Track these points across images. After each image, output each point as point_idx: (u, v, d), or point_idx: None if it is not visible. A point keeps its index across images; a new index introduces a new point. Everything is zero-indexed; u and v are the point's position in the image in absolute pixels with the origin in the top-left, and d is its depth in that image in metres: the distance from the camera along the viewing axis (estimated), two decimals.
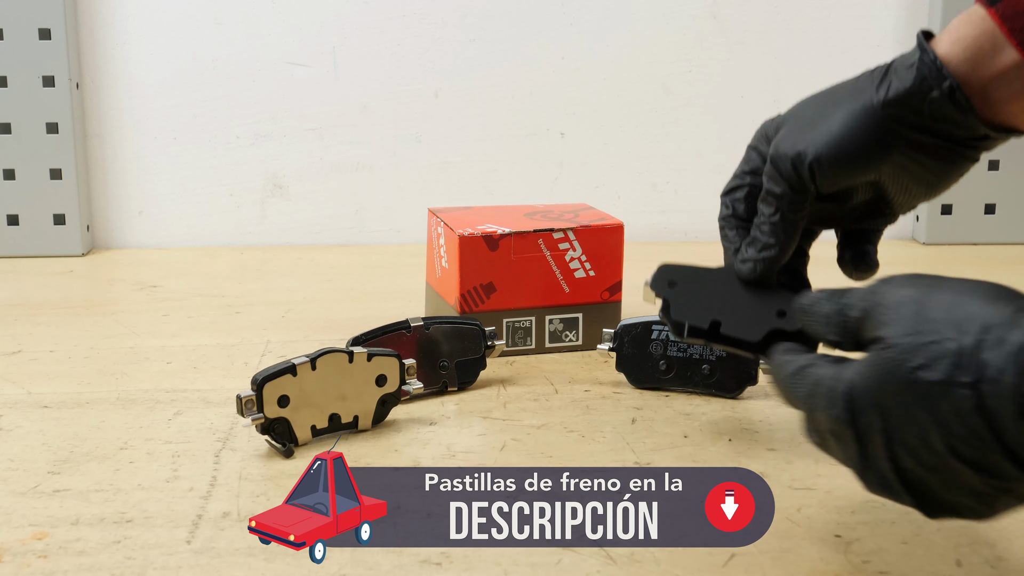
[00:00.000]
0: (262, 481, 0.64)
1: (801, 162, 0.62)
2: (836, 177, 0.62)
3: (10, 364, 0.85)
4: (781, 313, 0.65)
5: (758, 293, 0.67)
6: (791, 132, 0.63)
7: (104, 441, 0.69)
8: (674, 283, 0.68)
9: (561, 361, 0.87)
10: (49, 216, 1.23)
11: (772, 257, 0.65)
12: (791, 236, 0.65)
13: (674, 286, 0.68)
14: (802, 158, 0.62)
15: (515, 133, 1.31)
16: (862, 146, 0.60)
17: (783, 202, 0.64)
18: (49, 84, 1.20)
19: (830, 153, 0.61)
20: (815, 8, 1.30)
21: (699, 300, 0.68)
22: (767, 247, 0.65)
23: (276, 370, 0.67)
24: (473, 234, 0.85)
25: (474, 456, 0.67)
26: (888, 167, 0.61)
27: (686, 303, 0.68)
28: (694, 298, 0.68)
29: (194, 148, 1.28)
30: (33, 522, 0.58)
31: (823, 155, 0.61)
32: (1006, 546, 0.56)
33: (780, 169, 0.63)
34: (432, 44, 1.28)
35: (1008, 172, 1.30)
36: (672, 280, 0.69)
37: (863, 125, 0.60)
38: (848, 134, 0.60)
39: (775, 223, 0.64)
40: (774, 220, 0.64)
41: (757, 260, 0.66)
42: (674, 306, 0.68)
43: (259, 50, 1.26)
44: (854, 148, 0.60)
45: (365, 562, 0.54)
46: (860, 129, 0.60)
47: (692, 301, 0.68)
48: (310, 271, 1.18)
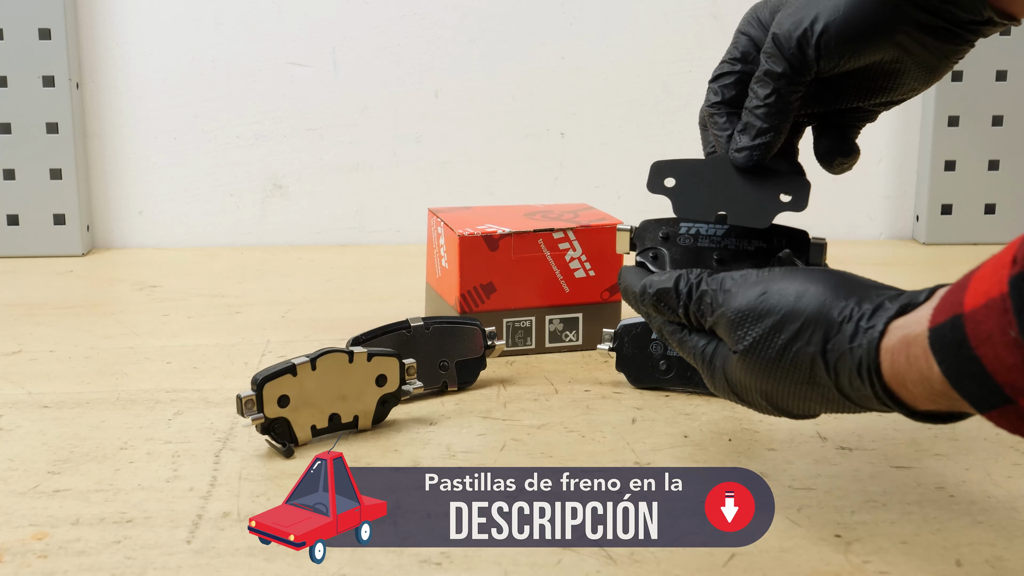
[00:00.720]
0: (262, 481, 0.64)
1: (807, 39, 0.61)
2: (842, 55, 0.61)
3: (10, 364, 0.85)
4: (786, 195, 0.64)
5: (759, 177, 0.65)
6: (796, 10, 0.62)
7: (104, 441, 0.69)
8: (672, 180, 0.66)
9: (561, 361, 0.87)
10: (49, 216, 1.23)
11: (768, 143, 0.64)
12: (786, 119, 0.63)
13: (673, 186, 0.66)
14: (808, 35, 0.61)
15: (515, 133, 1.31)
16: (870, 23, 0.60)
17: (781, 82, 0.62)
18: (49, 84, 1.20)
19: (838, 29, 0.60)
20: None
21: (700, 194, 0.65)
22: (762, 132, 0.63)
23: (276, 370, 0.67)
24: (473, 234, 0.85)
25: (474, 456, 0.67)
26: (892, 47, 0.61)
27: (687, 200, 0.65)
28: (694, 192, 0.65)
29: (194, 148, 1.28)
30: (33, 522, 0.58)
31: (831, 31, 0.60)
32: (1006, 546, 0.56)
33: (783, 47, 0.62)
34: (432, 44, 1.28)
35: (1008, 172, 1.30)
36: (669, 178, 0.66)
37: (871, 2, 0.60)
38: (856, 11, 0.60)
39: (770, 104, 0.63)
40: (769, 101, 0.63)
41: (752, 147, 0.64)
42: (676, 203, 0.66)
43: (259, 50, 1.26)
44: (862, 25, 0.60)
45: (365, 562, 0.54)
46: (868, 6, 0.60)
47: (694, 197, 0.65)
48: (310, 271, 1.18)
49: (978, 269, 0.46)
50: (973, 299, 0.44)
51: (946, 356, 0.45)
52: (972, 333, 0.44)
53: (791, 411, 0.56)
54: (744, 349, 0.55)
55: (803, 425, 0.72)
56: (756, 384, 0.56)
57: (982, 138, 1.29)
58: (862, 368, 0.50)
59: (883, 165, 1.34)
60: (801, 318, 0.53)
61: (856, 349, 0.50)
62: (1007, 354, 0.43)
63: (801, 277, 0.54)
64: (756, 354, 0.55)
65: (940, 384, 0.47)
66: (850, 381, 0.51)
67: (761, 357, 0.54)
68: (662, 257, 0.66)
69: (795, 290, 0.54)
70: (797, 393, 0.54)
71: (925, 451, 0.68)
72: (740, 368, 0.56)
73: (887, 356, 0.49)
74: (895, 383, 0.49)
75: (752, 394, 0.57)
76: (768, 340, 0.54)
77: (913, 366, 0.48)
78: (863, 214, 1.35)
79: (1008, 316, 0.42)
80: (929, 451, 0.68)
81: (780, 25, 0.62)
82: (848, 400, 0.53)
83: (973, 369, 0.44)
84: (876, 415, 0.74)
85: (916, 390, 0.48)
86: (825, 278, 0.54)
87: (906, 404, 0.50)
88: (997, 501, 0.61)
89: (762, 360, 0.54)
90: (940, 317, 0.46)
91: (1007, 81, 1.27)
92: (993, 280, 0.44)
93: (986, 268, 0.45)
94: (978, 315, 0.44)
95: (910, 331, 0.48)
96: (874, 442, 0.69)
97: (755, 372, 0.55)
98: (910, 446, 0.69)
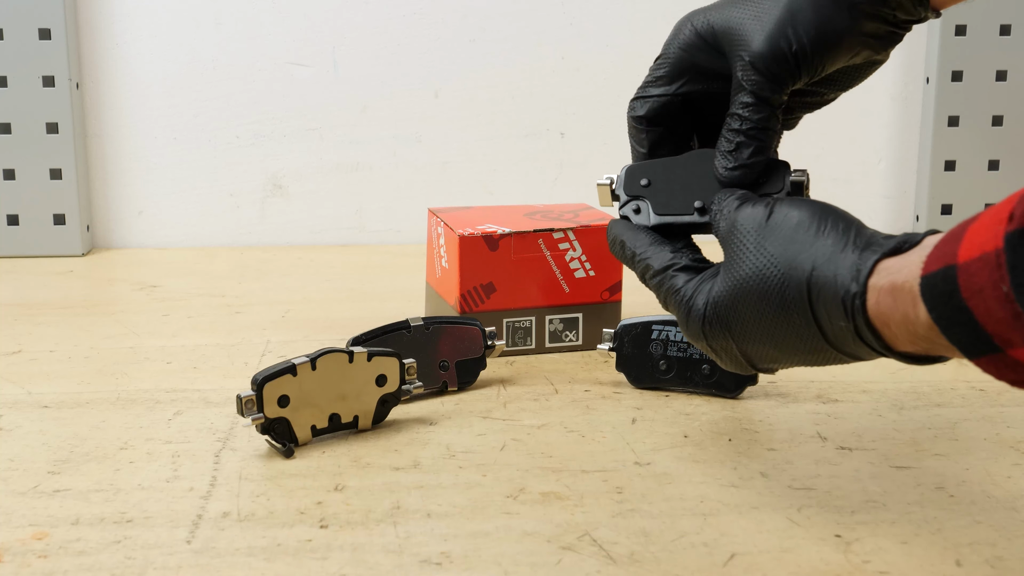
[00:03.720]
0: (262, 481, 0.64)
1: (787, 61, 0.62)
2: (815, 71, 0.63)
3: (10, 364, 0.85)
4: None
5: None
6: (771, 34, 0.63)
7: (104, 441, 0.69)
8: (648, 182, 0.67)
9: (561, 361, 0.87)
10: (49, 216, 1.23)
11: (763, 160, 0.65)
12: (774, 134, 0.66)
13: (648, 185, 0.67)
14: (788, 57, 0.62)
15: (515, 133, 1.31)
16: (835, 38, 0.62)
17: (774, 106, 0.64)
18: (49, 84, 1.20)
19: (814, 49, 0.62)
20: None
21: (676, 190, 0.66)
22: (759, 151, 0.65)
23: (276, 370, 0.67)
24: (473, 234, 0.85)
25: (474, 456, 0.67)
26: (851, 56, 0.64)
27: (665, 198, 0.66)
28: (671, 190, 0.66)
29: (194, 148, 1.28)
30: (33, 522, 0.58)
31: (809, 49, 0.62)
32: (1006, 546, 0.56)
33: (769, 72, 0.63)
34: (432, 44, 1.28)
35: (1008, 172, 1.30)
36: (644, 179, 0.67)
37: (833, 19, 0.62)
38: (824, 28, 0.62)
39: (766, 127, 0.64)
40: (765, 124, 0.64)
41: (750, 165, 0.65)
42: (654, 204, 0.66)
43: (259, 50, 1.26)
44: (830, 41, 0.62)
45: (365, 562, 0.54)
46: (833, 23, 0.62)
47: (670, 194, 0.66)
48: (310, 271, 1.18)
49: (974, 220, 0.46)
50: (967, 251, 0.45)
51: (936, 304, 0.46)
52: (964, 284, 0.45)
53: (757, 356, 0.58)
54: (738, 259, 0.57)
55: (803, 425, 0.72)
56: (736, 313, 0.57)
57: (982, 138, 1.29)
58: (847, 300, 0.51)
59: (883, 165, 1.34)
60: (797, 242, 0.54)
61: (844, 278, 0.51)
62: (997, 308, 0.44)
63: (804, 206, 0.56)
64: (747, 268, 0.56)
65: (925, 329, 0.48)
66: (829, 313, 0.52)
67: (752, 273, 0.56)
68: (644, 209, 0.67)
69: (796, 216, 0.56)
70: (773, 326, 0.55)
71: (925, 451, 0.68)
72: (726, 290, 0.57)
73: (873, 294, 0.50)
74: (878, 321, 0.50)
75: (724, 333, 0.58)
76: (761, 254, 0.56)
77: (899, 308, 0.49)
78: (863, 214, 1.35)
79: (1001, 271, 0.43)
80: (929, 451, 0.68)
81: (759, 53, 0.63)
82: (823, 335, 0.53)
83: (963, 319, 0.45)
84: (872, 415, 0.74)
85: (899, 331, 0.49)
86: (824, 210, 0.56)
87: (885, 343, 0.51)
88: (997, 501, 0.61)
89: (752, 278, 0.56)
90: (933, 266, 0.47)
91: (1007, 81, 1.27)
92: (989, 234, 0.44)
93: (983, 221, 0.46)
94: (971, 267, 0.45)
95: (899, 275, 0.49)
96: (874, 442, 0.69)
97: (742, 294, 0.56)
98: (910, 446, 0.69)
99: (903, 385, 0.80)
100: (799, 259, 0.54)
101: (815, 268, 0.53)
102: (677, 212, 0.66)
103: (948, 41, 1.26)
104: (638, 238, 0.65)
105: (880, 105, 1.33)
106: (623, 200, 0.68)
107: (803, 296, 0.53)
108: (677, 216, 0.66)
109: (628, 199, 0.67)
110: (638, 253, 0.64)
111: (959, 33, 1.26)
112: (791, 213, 0.56)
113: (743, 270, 0.56)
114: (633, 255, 0.65)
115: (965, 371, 0.83)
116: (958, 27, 1.26)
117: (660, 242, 0.64)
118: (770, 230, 0.56)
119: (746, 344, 0.57)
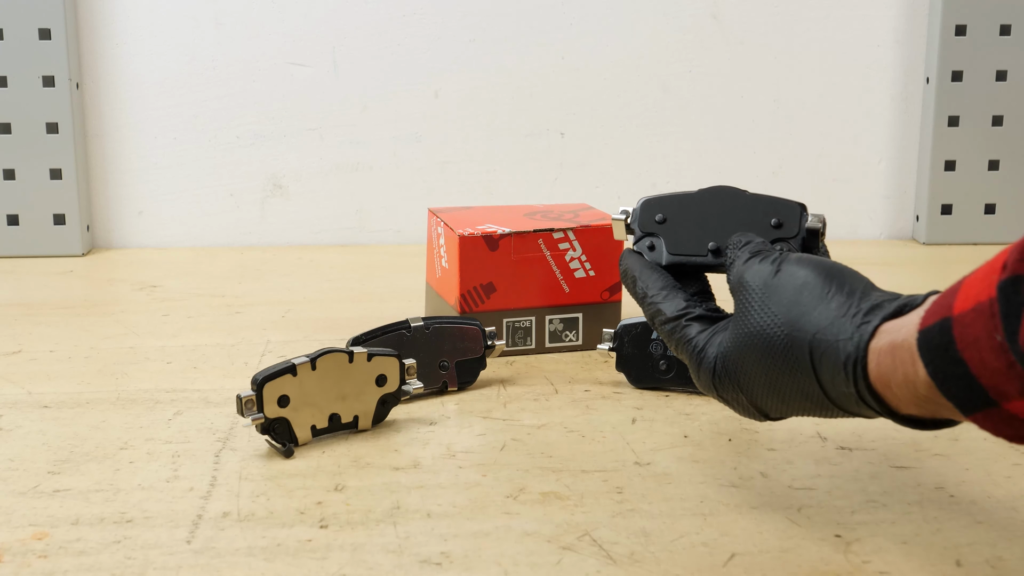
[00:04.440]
0: (262, 481, 0.64)
1: None
2: None
3: (10, 364, 0.85)
4: (778, 224, 0.64)
5: (750, 205, 0.65)
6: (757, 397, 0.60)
7: (104, 441, 0.69)
8: (663, 218, 0.67)
9: (561, 361, 0.87)
10: (49, 216, 1.23)
11: None
12: None
13: (663, 221, 0.67)
14: None
15: (515, 133, 1.31)
16: None
17: None
18: (49, 84, 1.20)
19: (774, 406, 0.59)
20: (815, 8, 1.30)
21: (691, 229, 0.66)
22: None
23: (276, 370, 0.67)
24: (473, 234, 0.85)
25: (474, 456, 0.67)
26: None
27: (679, 236, 0.66)
28: (686, 228, 0.66)
29: (194, 148, 1.28)
30: (33, 522, 0.58)
31: None
32: (1006, 546, 0.56)
33: None
34: (432, 44, 1.28)
35: (1008, 172, 1.30)
36: (659, 214, 0.67)
37: None
38: None
39: None
40: None
41: None
42: (668, 242, 0.66)
43: (259, 50, 1.26)
44: None
45: (365, 562, 0.54)
46: None
47: (685, 232, 0.66)
48: (310, 271, 1.18)
49: (971, 274, 0.46)
50: (962, 303, 0.45)
51: (933, 358, 0.46)
52: (959, 336, 0.45)
53: (766, 408, 0.57)
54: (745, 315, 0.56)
55: (803, 425, 0.72)
56: (743, 367, 0.56)
57: (982, 138, 1.29)
58: (848, 364, 0.51)
59: (883, 165, 1.34)
60: (801, 304, 0.54)
61: (845, 344, 0.51)
62: (992, 358, 0.43)
63: (811, 266, 0.56)
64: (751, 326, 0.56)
65: (925, 388, 0.47)
66: (832, 376, 0.52)
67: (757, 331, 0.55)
68: (659, 247, 0.67)
69: (803, 276, 0.55)
70: (779, 382, 0.55)
71: (925, 451, 0.68)
72: (733, 344, 0.57)
73: (874, 357, 0.50)
74: (880, 384, 0.50)
75: (734, 385, 0.58)
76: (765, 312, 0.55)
77: (899, 368, 0.48)
78: (863, 214, 1.35)
79: (995, 320, 0.43)
80: (929, 451, 0.68)
81: None
82: (827, 397, 0.53)
83: (958, 372, 0.45)
84: None
85: (901, 393, 0.49)
86: (830, 271, 0.55)
87: (889, 406, 0.50)
88: (997, 501, 0.61)
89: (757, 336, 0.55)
90: (930, 320, 0.46)
91: (1007, 81, 1.27)
92: (983, 285, 0.44)
93: (978, 273, 0.46)
94: (966, 319, 0.44)
95: (898, 335, 0.49)
96: (874, 442, 0.69)
97: (747, 349, 0.56)
98: (910, 446, 0.69)
99: None
100: (802, 321, 0.54)
101: (818, 331, 0.53)
102: (691, 253, 0.66)
103: (948, 41, 1.26)
104: (651, 278, 0.65)
105: (880, 105, 1.33)
106: (638, 235, 0.68)
107: (806, 358, 0.53)
108: (690, 257, 0.66)
109: (643, 235, 0.67)
110: (649, 295, 0.64)
111: (959, 33, 1.26)
112: (798, 273, 0.56)
113: (748, 327, 0.56)
114: (644, 296, 0.64)
115: None
116: (958, 27, 1.26)
117: (673, 286, 0.64)
118: (776, 289, 0.56)
119: (755, 397, 0.57)
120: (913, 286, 0.52)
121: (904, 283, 1.14)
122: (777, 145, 1.33)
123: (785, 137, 1.33)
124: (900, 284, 0.54)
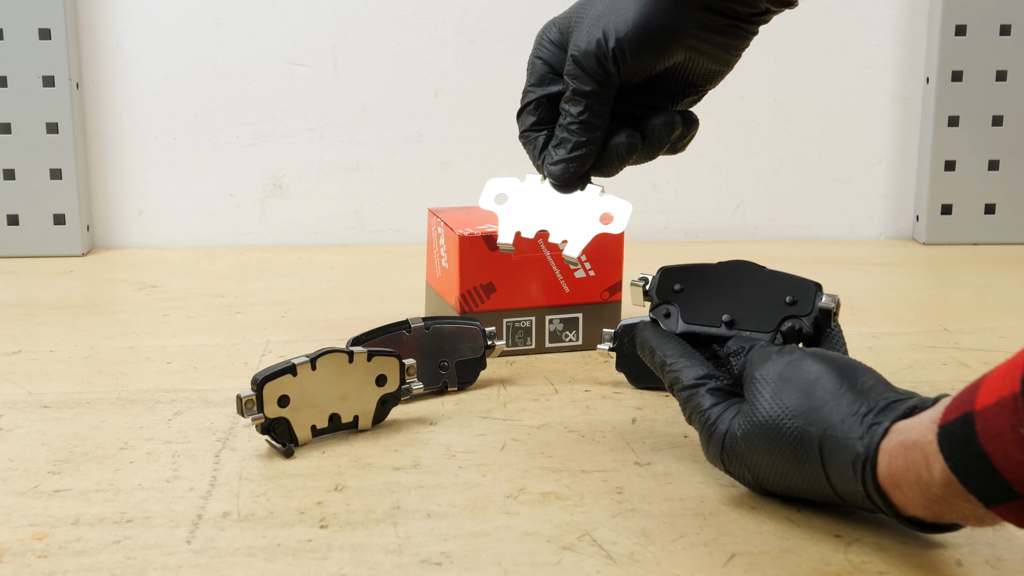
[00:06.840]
0: (262, 481, 0.64)
1: (604, 55, 0.64)
2: (639, 65, 0.64)
3: (10, 364, 0.85)
4: (792, 302, 0.65)
5: (766, 281, 0.67)
6: (589, 28, 0.65)
7: (104, 441, 0.69)
8: (680, 287, 0.69)
9: (561, 361, 0.87)
10: (49, 216, 1.23)
11: (584, 155, 0.67)
12: (599, 132, 0.66)
13: (680, 291, 0.69)
14: (604, 51, 0.63)
15: (515, 133, 1.30)
16: (660, 32, 0.63)
17: (592, 99, 0.65)
18: (49, 84, 1.20)
19: (631, 43, 0.63)
20: (815, 8, 1.30)
21: (707, 299, 0.68)
22: (578, 146, 0.67)
23: (276, 370, 0.67)
24: (473, 234, 0.85)
25: (474, 456, 0.67)
26: (684, 50, 0.64)
27: (695, 306, 0.68)
28: (702, 298, 0.68)
29: (194, 148, 1.28)
30: (33, 522, 0.58)
31: (625, 45, 0.63)
32: (1006, 546, 0.56)
33: (584, 65, 0.64)
34: (432, 44, 1.28)
35: (1008, 172, 1.30)
36: (677, 284, 0.69)
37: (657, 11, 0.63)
38: (645, 21, 0.63)
39: (585, 120, 0.66)
40: (583, 118, 0.66)
41: (569, 160, 0.67)
42: (683, 311, 0.68)
43: (259, 50, 1.26)
44: (653, 35, 0.63)
45: (365, 562, 0.54)
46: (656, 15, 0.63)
47: (700, 302, 0.68)
48: (310, 271, 1.18)
49: (992, 371, 0.47)
50: (985, 398, 0.46)
51: (954, 452, 0.46)
52: (982, 430, 0.45)
53: (771, 489, 0.59)
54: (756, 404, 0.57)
55: None
56: (751, 452, 0.57)
57: (982, 138, 1.29)
58: (857, 463, 0.52)
59: (883, 165, 1.34)
60: (814, 399, 0.55)
61: (856, 443, 0.52)
62: (1016, 452, 0.44)
63: (824, 361, 0.57)
64: (762, 415, 0.56)
65: (939, 487, 0.48)
66: (840, 472, 0.53)
67: (768, 421, 0.56)
68: (674, 314, 0.68)
69: (816, 371, 0.56)
70: (786, 471, 0.56)
71: None
72: (743, 429, 0.58)
73: (885, 457, 0.51)
74: (889, 484, 0.51)
75: (742, 464, 0.59)
76: (777, 404, 0.56)
77: (911, 468, 0.49)
78: (863, 214, 1.35)
79: (1019, 415, 0.43)
80: None
81: (577, 46, 0.65)
82: (833, 490, 0.55)
83: (981, 465, 0.45)
84: None
85: (911, 493, 0.50)
86: (843, 367, 0.56)
87: (895, 507, 0.52)
88: None
89: (767, 426, 0.56)
90: (951, 415, 0.47)
91: (1007, 81, 1.27)
92: (1006, 380, 0.45)
93: (1000, 368, 0.46)
94: (989, 413, 0.45)
95: (909, 435, 0.50)
96: None
97: (756, 437, 0.57)
98: None
99: (903, 385, 0.80)
100: (814, 416, 0.54)
101: (829, 427, 0.54)
102: (705, 323, 0.68)
103: (948, 41, 1.26)
104: (668, 346, 0.66)
105: (880, 105, 1.33)
106: (654, 302, 0.70)
107: (816, 452, 0.54)
108: (704, 327, 0.67)
109: (659, 303, 0.69)
110: (668, 363, 0.65)
111: (959, 33, 1.26)
112: (812, 368, 0.56)
113: (760, 416, 0.57)
114: (663, 363, 0.65)
115: (965, 372, 0.83)
116: (958, 27, 1.26)
117: (691, 354, 0.65)
118: (789, 381, 0.56)
119: (760, 480, 0.58)
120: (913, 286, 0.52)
121: (904, 283, 1.14)
122: (777, 145, 1.33)
123: (785, 137, 1.33)
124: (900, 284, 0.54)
